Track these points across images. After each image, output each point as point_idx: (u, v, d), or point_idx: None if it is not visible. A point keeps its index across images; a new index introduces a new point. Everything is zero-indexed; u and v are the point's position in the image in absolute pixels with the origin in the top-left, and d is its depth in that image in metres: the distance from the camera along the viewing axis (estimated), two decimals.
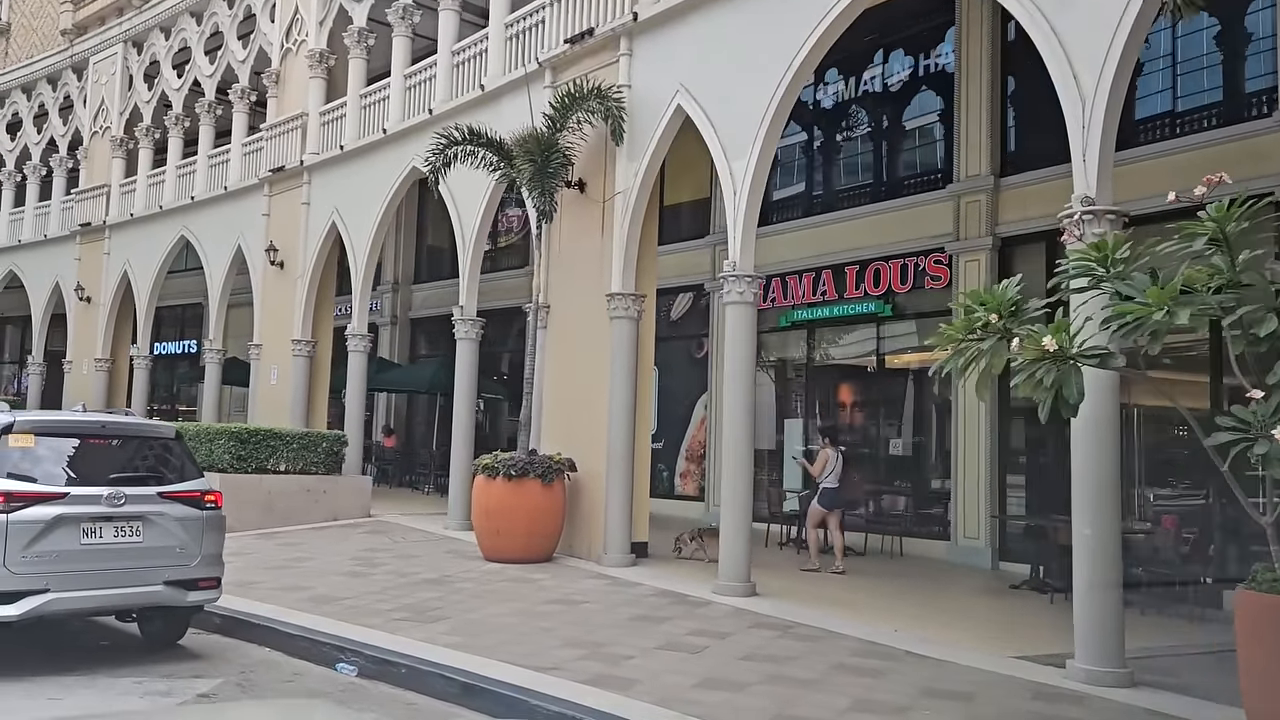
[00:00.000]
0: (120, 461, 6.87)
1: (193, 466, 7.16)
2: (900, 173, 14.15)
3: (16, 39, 25.91)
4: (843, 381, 15.09)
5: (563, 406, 11.62)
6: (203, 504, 6.97)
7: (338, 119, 16.64)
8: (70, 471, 6.58)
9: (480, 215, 13.31)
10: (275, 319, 17.43)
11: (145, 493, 6.69)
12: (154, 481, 6.85)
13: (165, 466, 7.02)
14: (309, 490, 13.38)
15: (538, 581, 9.69)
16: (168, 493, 6.81)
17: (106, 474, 6.68)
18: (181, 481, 6.96)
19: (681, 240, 16.24)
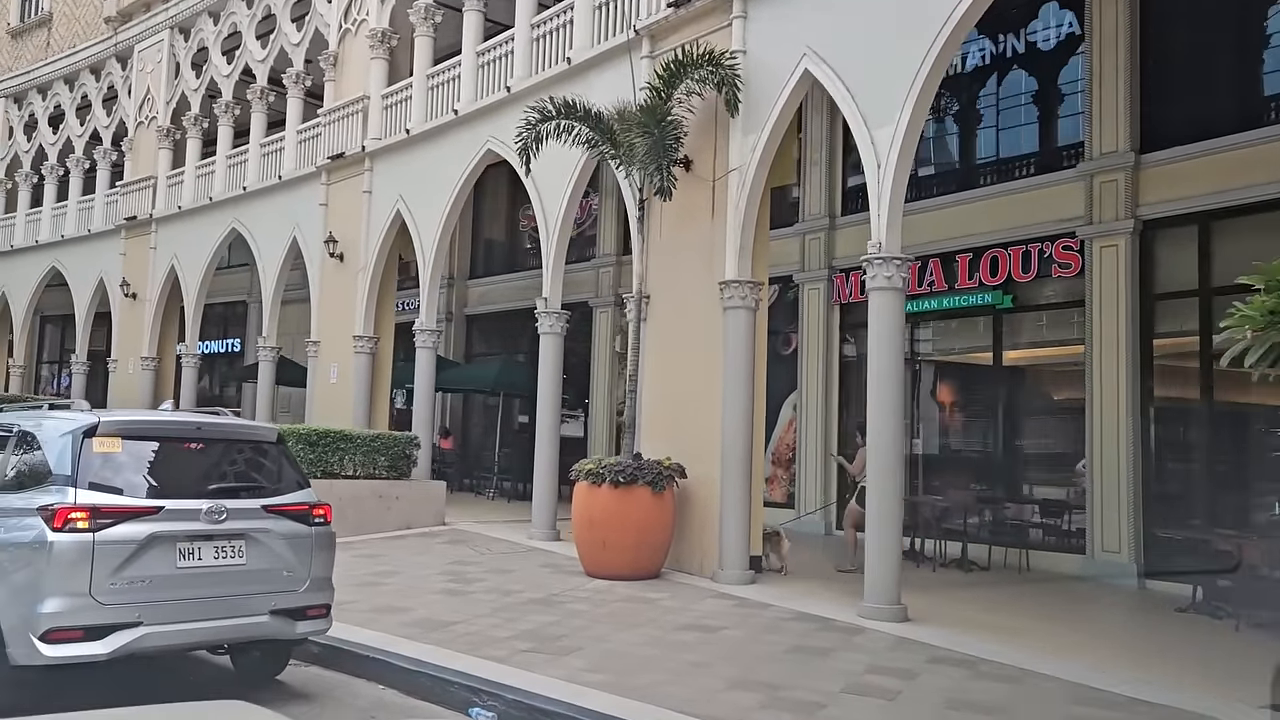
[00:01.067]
0: (218, 470, 5.88)
1: (297, 475, 6.16)
2: (1021, 150, 12.98)
3: (58, 29, 25.19)
4: (953, 379, 13.94)
5: (666, 406, 10.56)
6: (310, 519, 5.98)
7: (402, 101, 15.68)
8: (163, 482, 5.60)
9: (566, 198, 12.29)
10: (335, 314, 16.51)
11: (248, 506, 5.70)
12: (256, 493, 5.85)
13: (267, 475, 6.03)
14: (381, 496, 12.40)
15: (657, 602, 8.65)
16: (272, 506, 5.82)
17: (204, 485, 5.70)
18: (286, 493, 5.97)
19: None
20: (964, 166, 13.70)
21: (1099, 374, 11.35)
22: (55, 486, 5.29)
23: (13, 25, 26.55)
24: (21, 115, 25.63)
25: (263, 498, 5.82)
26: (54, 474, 5.36)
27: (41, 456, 5.53)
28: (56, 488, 5.28)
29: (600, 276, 18.48)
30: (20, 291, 24.67)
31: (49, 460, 5.44)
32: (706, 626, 7.73)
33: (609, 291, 18.45)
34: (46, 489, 5.33)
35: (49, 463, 5.43)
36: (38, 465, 5.54)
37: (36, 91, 25.16)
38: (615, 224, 18.42)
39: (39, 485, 5.41)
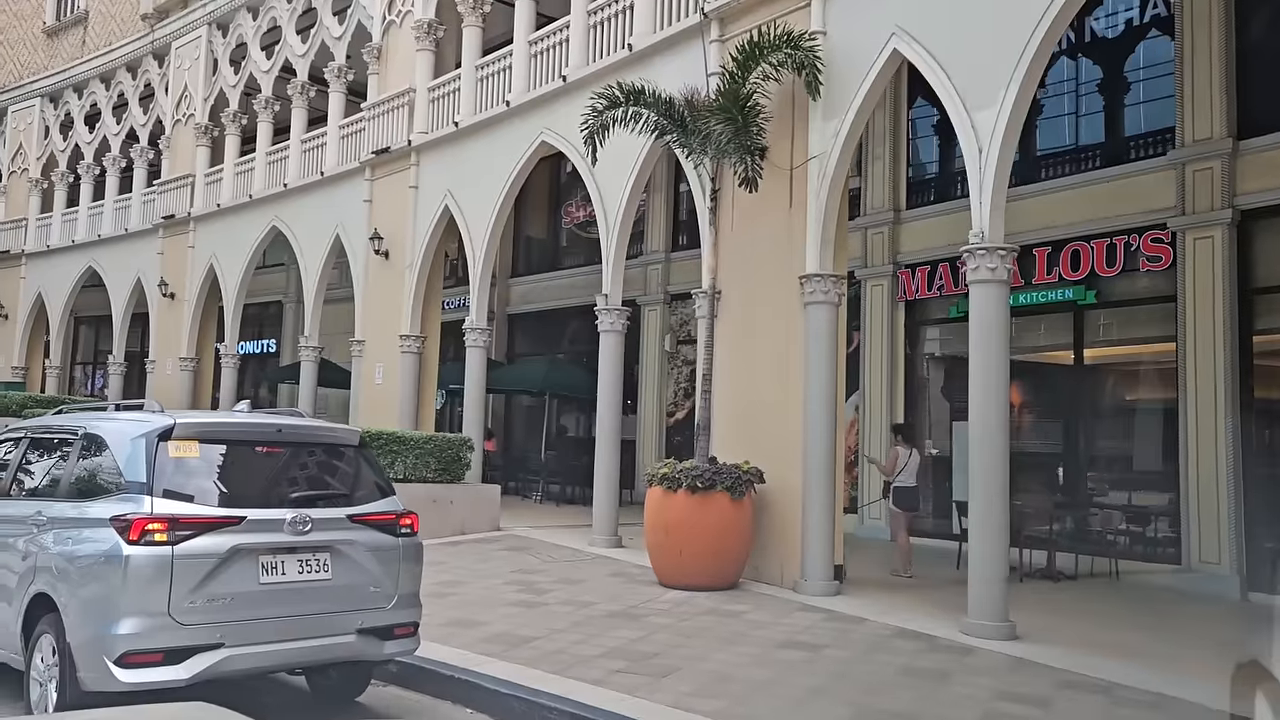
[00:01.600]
0: (300, 476, 5.42)
1: (381, 481, 5.68)
2: (1105, 138, 12.35)
3: (94, 27, 25.00)
4: (1030, 379, 13.31)
5: (739, 407, 10.03)
6: (397, 529, 5.50)
7: (449, 94, 15.24)
8: (243, 489, 5.13)
9: (628, 190, 11.79)
10: (380, 313, 16.09)
11: (333, 516, 5.23)
12: (340, 502, 5.38)
13: (350, 482, 5.55)
14: (435, 500, 11.92)
15: (743, 615, 8.12)
16: (358, 516, 5.34)
17: (287, 492, 5.24)
18: (370, 500, 5.49)
19: None
20: (1041, 156, 13.07)
21: (1193, 373, 10.72)
22: (128, 495, 4.84)
23: (49, 24, 26.40)
24: (58, 114, 25.44)
25: (347, 506, 5.35)
26: (126, 481, 4.91)
27: (112, 461, 5.08)
28: (130, 496, 4.82)
29: (649, 274, 18.01)
30: (57, 292, 24.46)
31: (120, 465, 4.99)
32: (806, 644, 7.19)
33: (658, 289, 17.98)
34: (118, 497, 4.88)
35: (120, 468, 4.98)
36: (107, 471, 5.09)
37: (73, 90, 24.96)
38: (664, 220, 17.95)
39: (110, 493, 4.97)
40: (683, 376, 17.79)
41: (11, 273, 25.85)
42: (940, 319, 13.98)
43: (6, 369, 25.40)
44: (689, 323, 17.98)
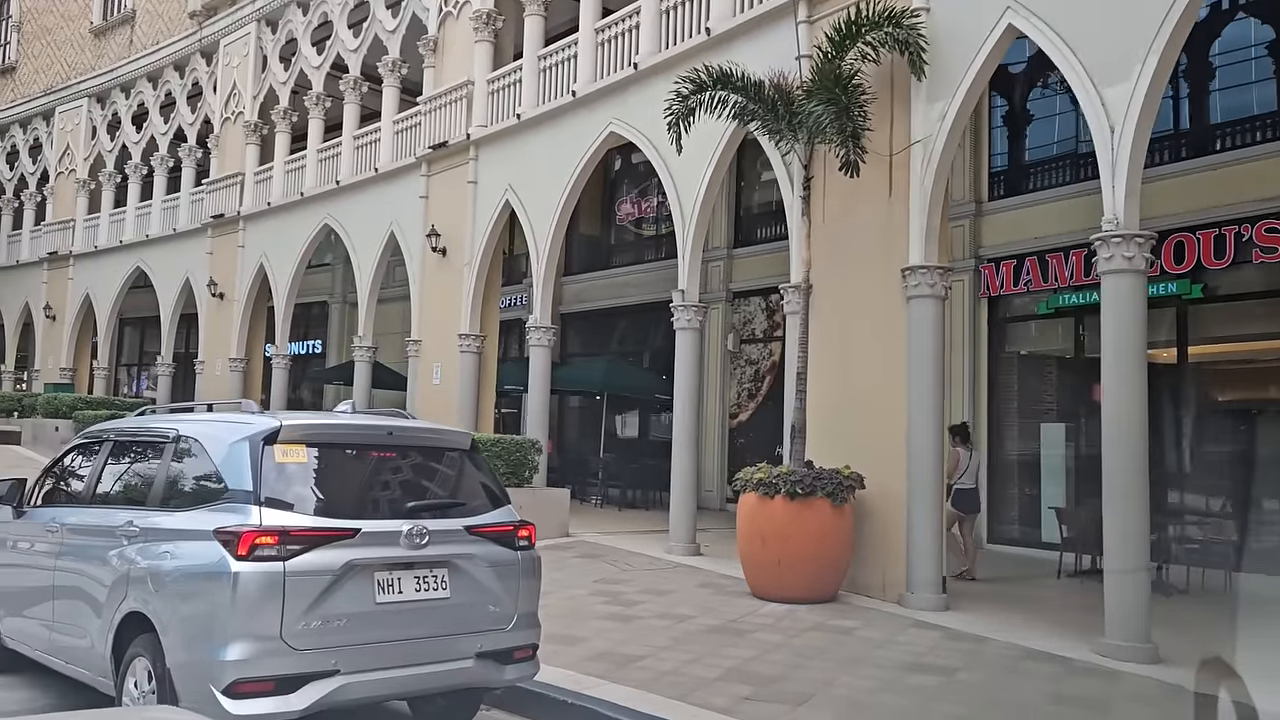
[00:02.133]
0: (412, 483, 4.94)
1: (496, 489, 5.18)
2: (1211, 120, 11.65)
3: (141, 27, 24.86)
4: None
5: (833, 407, 9.44)
6: (516, 541, 5.01)
7: (510, 85, 14.79)
8: (355, 499, 4.66)
9: (706, 180, 11.25)
10: (437, 312, 15.67)
11: (450, 528, 4.73)
12: (457, 511, 4.88)
13: (465, 490, 5.05)
14: None
15: (854, 632, 7.55)
16: (476, 527, 4.84)
17: (400, 502, 4.75)
18: (487, 510, 4.99)
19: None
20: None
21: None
22: (232, 504, 4.37)
23: (96, 24, 26.32)
24: (104, 114, 25.34)
25: (463, 517, 4.85)
26: (229, 489, 4.44)
27: (211, 467, 4.62)
28: (233, 506, 4.35)
29: (709, 271, 17.40)
30: (104, 293, 24.32)
31: (221, 472, 4.53)
32: (933, 667, 6.61)
33: (720, 287, 17.44)
34: (220, 507, 4.41)
35: (221, 475, 4.52)
36: (206, 478, 4.63)
37: (120, 90, 24.83)
38: (725, 216, 17.39)
39: (210, 502, 4.50)
40: (746, 377, 17.24)
41: (59, 274, 25.78)
42: (1026, 315, 13.31)
43: (54, 370, 25.32)
44: (752, 321, 17.47)
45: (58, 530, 5.41)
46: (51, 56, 27.60)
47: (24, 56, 28.69)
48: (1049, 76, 12.92)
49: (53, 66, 27.47)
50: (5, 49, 29.62)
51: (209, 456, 4.66)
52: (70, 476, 5.86)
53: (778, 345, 16.76)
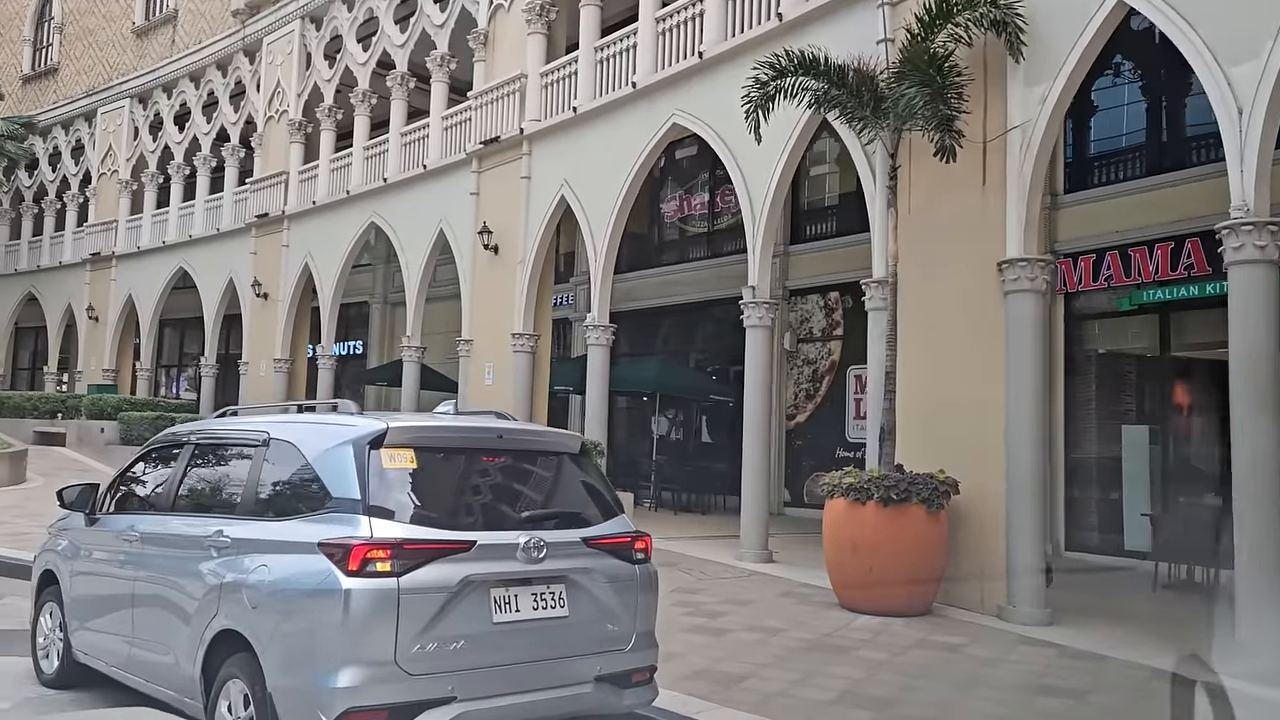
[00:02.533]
0: (524, 491, 4.55)
1: (610, 496, 4.77)
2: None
3: (183, 26, 24.79)
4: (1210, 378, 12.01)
5: (922, 408, 8.95)
6: (633, 555, 4.59)
7: (565, 78, 14.42)
8: (467, 508, 4.27)
9: (779, 172, 10.80)
10: (489, 311, 15.33)
11: (567, 540, 4.33)
12: (572, 521, 4.48)
13: (578, 498, 4.65)
14: None
15: (962, 650, 7.08)
16: (594, 539, 4.44)
17: (514, 511, 4.36)
18: (601, 519, 4.59)
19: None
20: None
21: None
22: (337, 514, 3.99)
23: (138, 24, 26.29)
24: (146, 115, 25.27)
25: (579, 527, 4.45)
26: (333, 497, 4.06)
27: (310, 473, 4.24)
28: (339, 516, 3.97)
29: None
30: (147, 293, 24.23)
31: (323, 478, 4.15)
32: (1060, 689, 6.13)
33: (776, 284, 16.88)
34: (324, 517, 4.03)
35: (324, 482, 4.14)
36: (305, 485, 4.26)
37: (162, 90, 24.75)
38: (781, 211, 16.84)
39: (311, 511, 4.13)
40: (803, 377, 16.77)
41: (102, 275, 25.75)
42: (1106, 313, 12.73)
43: (97, 372, 25.27)
44: (809, 320, 16.99)
45: (136, 539, 5.07)
46: (93, 57, 27.61)
47: (66, 58, 28.74)
48: (1134, 60, 12.36)
49: (94, 67, 27.48)
50: (47, 51, 29.71)
51: (307, 461, 4.29)
52: (147, 482, 5.53)
53: (837, 344, 16.31)
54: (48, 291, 27.65)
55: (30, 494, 15.54)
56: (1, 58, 30.32)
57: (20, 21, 30.45)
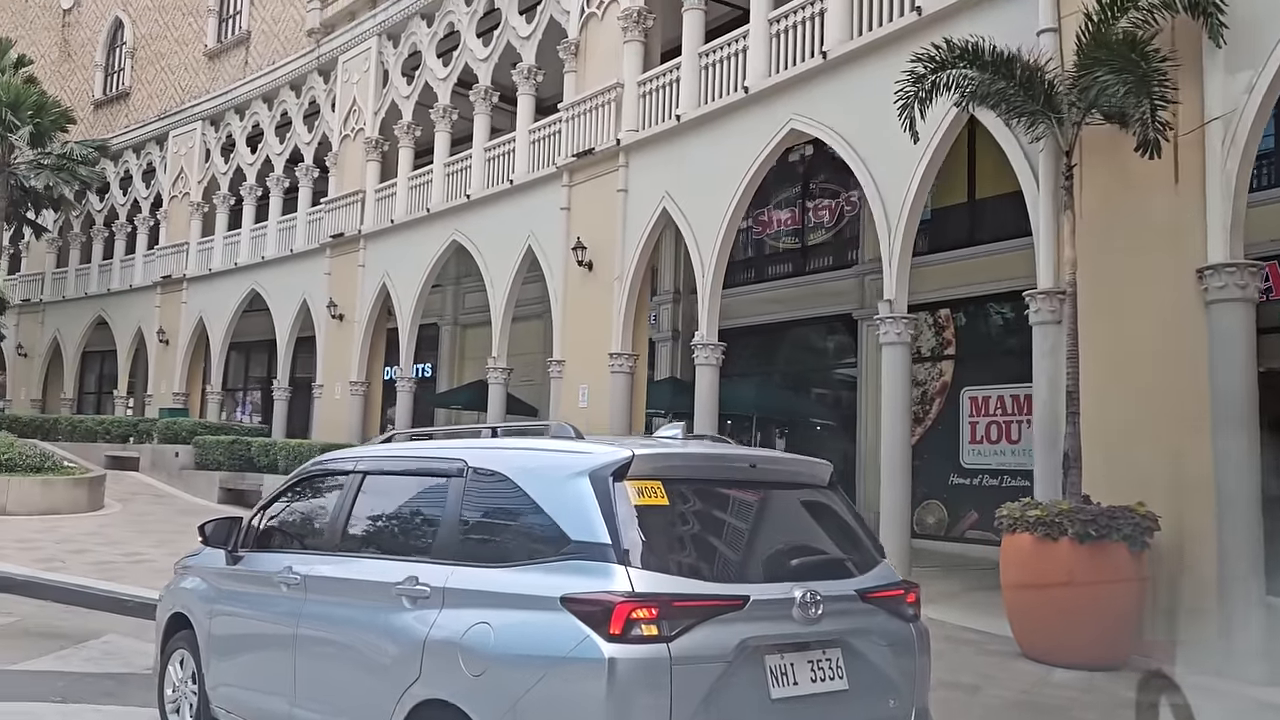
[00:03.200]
0: (785, 533, 3.75)
1: (869, 537, 3.96)
2: None
3: (256, 47, 24.66)
4: None
5: (1107, 432, 8.03)
6: (905, 609, 3.78)
7: (665, 86, 13.76)
8: (729, 554, 3.50)
9: (919, 176, 9.99)
10: (582, 329, 14.65)
11: (841, 593, 3.54)
12: (841, 570, 3.67)
13: (842, 540, 3.84)
14: None
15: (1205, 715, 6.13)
16: (869, 592, 3.63)
17: (781, 558, 3.57)
18: (869, 568, 3.78)
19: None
20: None
21: None
22: (580, 561, 3.24)
23: (210, 47, 26.23)
24: (218, 137, 25.15)
25: (850, 577, 3.65)
26: (572, 540, 3.31)
27: (533, 510, 3.50)
28: (583, 564, 3.22)
29: (866, 285, 16.12)
30: (218, 316, 23.96)
31: (554, 517, 3.41)
32: None
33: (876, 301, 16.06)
34: (563, 565, 3.28)
35: (555, 521, 3.39)
36: (528, 524, 3.52)
37: (234, 112, 24.61)
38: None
39: (543, 559, 3.38)
40: (912, 399, 15.80)
41: (173, 298, 25.58)
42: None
43: (167, 395, 25.04)
44: (917, 338, 16.03)
45: (298, 582, 4.36)
46: (165, 81, 27.64)
47: (137, 82, 28.83)
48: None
49: (166, 91, 27.49)
50: (119, 75, 29.86)
51: (527, 495, 3.55)
52: (303, 516, 4.84)
53: (949, 365, 15.38)
54: (117, 315, 27.58)
55: (109, 520, 15.11)
56: (74, 83, 30.54)
57: (92, 48, 30.68)
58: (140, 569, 11.24)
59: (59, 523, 14.36)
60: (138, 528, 14.49)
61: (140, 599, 9.48)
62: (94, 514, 15.55)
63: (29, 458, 15.70)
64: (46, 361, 29.85)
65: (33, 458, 15.79)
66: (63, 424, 24.26)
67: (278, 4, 24.14)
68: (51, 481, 15.30)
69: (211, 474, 18.28)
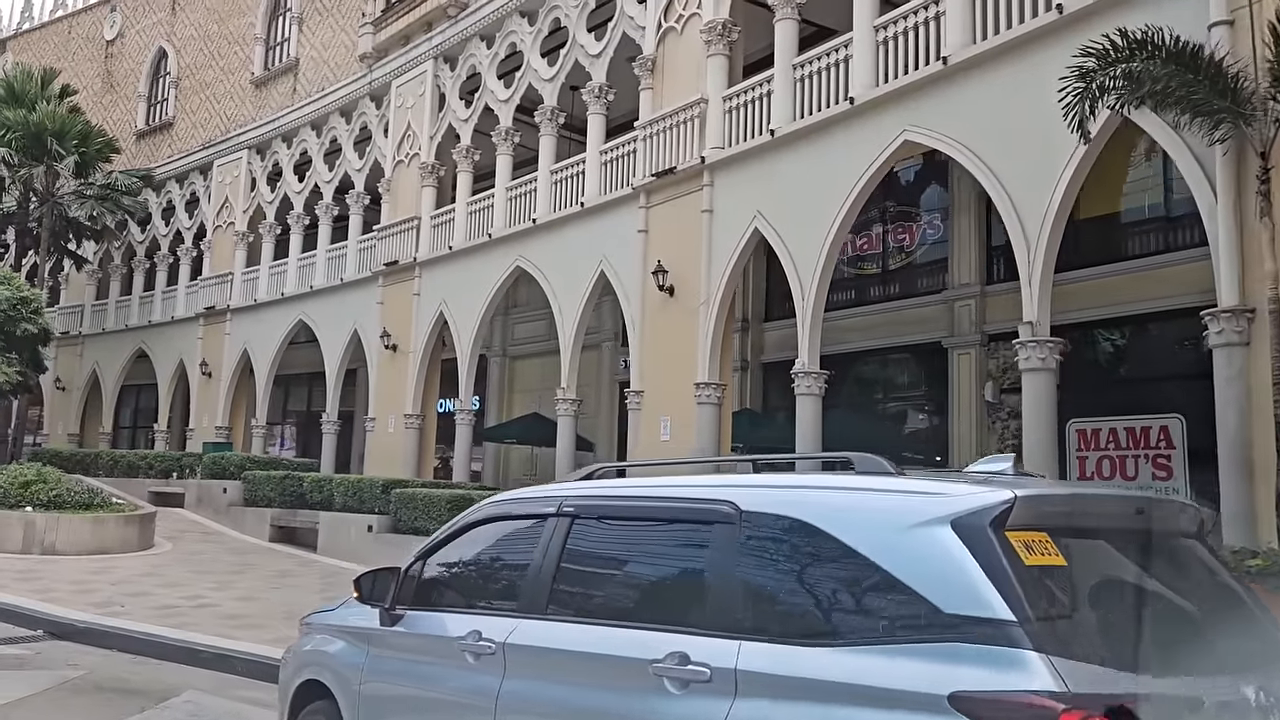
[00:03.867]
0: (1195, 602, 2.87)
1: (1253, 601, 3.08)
2: None
3: (305, 74, 24.27)
4: None
5: None
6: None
7: (755, 100, 13.03)
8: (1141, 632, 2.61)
9: (1063, 185, 9.13)
10: (663, 358, 13.83)
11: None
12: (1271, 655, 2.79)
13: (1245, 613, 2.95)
14: None
15: None
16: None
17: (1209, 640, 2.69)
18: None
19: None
20: None
21: None
22: (965, 645, 2.37)
23: (257, 75, 25.89)
24: (265, 165, 24.68)
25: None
26: (944, 613, 2.44)
27: (865, 568, 2.65)
28: (975, 649, 2.36)
29: (957, 312, 15.25)
30: (263, 348, 23.33)
31: (905, 580, 2.55)
32: None
33: (970, 329, 15.19)
34: (936, 649, 2.41)
35: (910, 586, 2.53)
36: (864, 590, 2.66)
37: (281, 140, 24.14)
38: (975, 247, 15.21)
39: (897, 637, 2.51)
40: (1010, 432, 14.86)
41: (216, 329, 24.99)
42: None
43: (209, 429, 24.37)
44: (1014, 368, 15.15)
45: (493, 652, 3.50)
46: (210, 110, 27.31)
47: (181, 112, 28.54)
48: None
49: (211, 120, 27.15)
50: (162, 105, 29.60)
51: (850, 549, 2.69)
52: (483, 567, 4.00)
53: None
54: (158, 347, 27.01)
55: (162, 560, 14.35)
56: (116, 114, 30.29)
57: (135, 78, 30.48)
58: (205, 614, 10.46)
59: (110, 563, 13.62)
60: (193, 568, 13.72)
61: (215, 649, 8.70)
62: (145, 553, 14.79)
63: (77, 494, 14.99)
64: (85, 395, 29.29)
65: (81, 494, 15.09)
66: (103, 459, 23.61)
67: (327, 30, 23.77)
68: (102, 519, 14.57)
69: (262, 510, 17.50)
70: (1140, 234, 13.22)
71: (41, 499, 14.29)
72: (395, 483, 15.31)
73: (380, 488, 15.07)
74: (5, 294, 19.24)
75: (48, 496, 14.38)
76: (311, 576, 13.53)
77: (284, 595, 11.92)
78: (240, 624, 9.96)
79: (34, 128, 24.36)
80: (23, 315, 19.49)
